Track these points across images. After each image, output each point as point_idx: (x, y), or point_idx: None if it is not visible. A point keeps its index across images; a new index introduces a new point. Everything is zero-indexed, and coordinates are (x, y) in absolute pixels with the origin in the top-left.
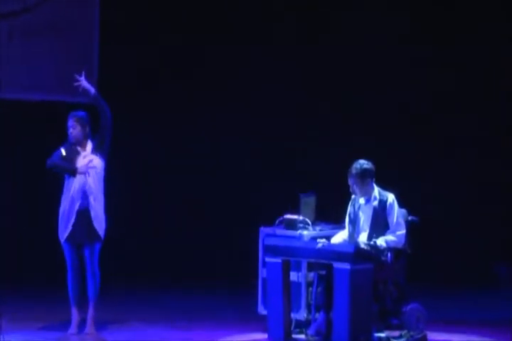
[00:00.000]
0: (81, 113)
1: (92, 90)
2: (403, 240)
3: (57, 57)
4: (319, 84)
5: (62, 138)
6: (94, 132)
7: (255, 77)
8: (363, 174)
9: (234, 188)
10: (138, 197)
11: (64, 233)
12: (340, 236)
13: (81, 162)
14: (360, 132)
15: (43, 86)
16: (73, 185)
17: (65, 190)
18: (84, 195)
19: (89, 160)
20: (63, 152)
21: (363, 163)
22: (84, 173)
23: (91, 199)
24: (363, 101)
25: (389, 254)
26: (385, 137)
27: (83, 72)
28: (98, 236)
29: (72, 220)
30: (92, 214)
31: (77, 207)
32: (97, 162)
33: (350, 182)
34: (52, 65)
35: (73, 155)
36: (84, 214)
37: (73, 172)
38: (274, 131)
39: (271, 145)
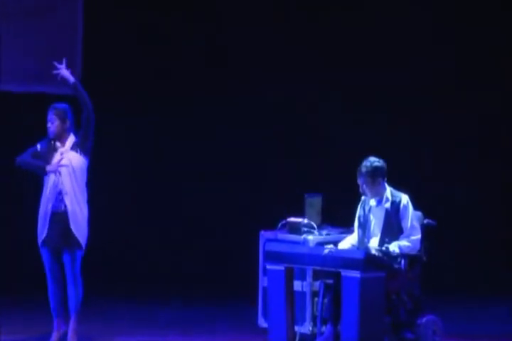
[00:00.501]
0: (62, 105)
1: (72, 79)
2: (418, 246)
3: (38, 45)
4: (322, 81)
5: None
6: (79, 127)
7: (253, 75)
8: (374, 173)
9: (231, 189)
10: (127, 199)
11: (40, 237)
12: (348, 242)
13: (56, 159)
14: (369, 128)
15: (25, 76)
16: (48, 185)
17: (43, 189)
18: (60, 195)
19: (61, 157)
20: (38, 148)
21: (374, 161)
22: (54, 172)
23: (67, 200)
24: (367, 99)
25: (402, 261)
26: (393, 133)
27: (64, 60)
28: (77, 242)
29: (47, 223)
30: (70, 217)
31: (50, 208)
32: (77, 160)
33: (359, 181)
34: (34, 53)
35: (50, 151)
36: (60, 218)
37: (43, 170)
38: (276, 128)
39: (272, 143)
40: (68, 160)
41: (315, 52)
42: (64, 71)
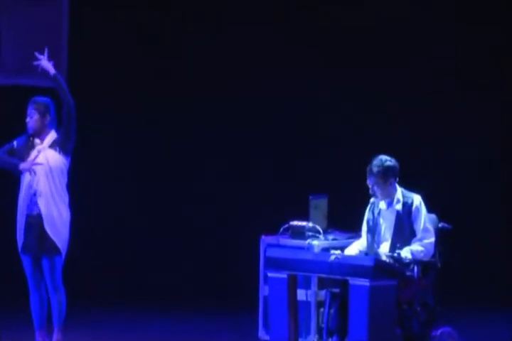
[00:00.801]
0: (42, 99)
1: (52, 71)
2: (432, 250)
3: (20, 37)
4: (323, 80)
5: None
6: (60, 122)
7: (253, 75)
8: (386, 173)
9: (230, 191)
10: (116, 202)
11: (19, 242)
12: (355, 247)
13: (33, 157)
14: (372, 127)
15: (4, 68)
16: (23, 185)
17: (19, 190)
18: (35, 197)
19: (35, 155)
20: (15, 145)
21: (386, 160)
22: (28, 170)
23: (42, 202)
24: (369, 98)
25: (415, 268)
26: (394, 133)
27: (46, 51)
28: (55, 247)
29: (23, 227)
30: (45, 220)
31: (25, 211)
32: (55, 159)
33: (369, 182)
34: (15, 45)
35: (28, 148)
36: (35, 221)
37: (17, 168)
38: (277, 128)
39: (274, 143)
40: (45, 159)
41: (315, 52)
42: (44, 62)
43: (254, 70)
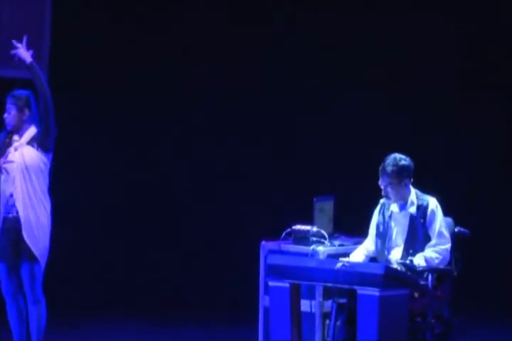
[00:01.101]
0: (21, 92)
1: (28, 60)
2: (448, 257)
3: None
4: (325, 80)
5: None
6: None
7: (254, 73)
8: (400, 173)
9: (229, 192)
10: (114, 203)
11: None
12: (360, 252)
13: (10, 155)
14: (376, 127)
15: None
16: (1, 186)
17: None
18: (11, 198)
19: (7, 152)
20: None
21: (400, 159)
22: None
23: (18, 204)
24: (372, 97)
25: (430, 277)
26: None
27: (24, 38)
28: (32, 255)
29: (0, 230)
30: (23, 224)
31: (2, 213)
32: (32, 156)
33: (382, 182)
34: None
35: (5, 146)
36: (12, 224)
37: None
38: (280, 127)
39: (275, 142)
40: (20, 156)
41: (314, 52)
42: (22, 51)
43: (253, 70)
